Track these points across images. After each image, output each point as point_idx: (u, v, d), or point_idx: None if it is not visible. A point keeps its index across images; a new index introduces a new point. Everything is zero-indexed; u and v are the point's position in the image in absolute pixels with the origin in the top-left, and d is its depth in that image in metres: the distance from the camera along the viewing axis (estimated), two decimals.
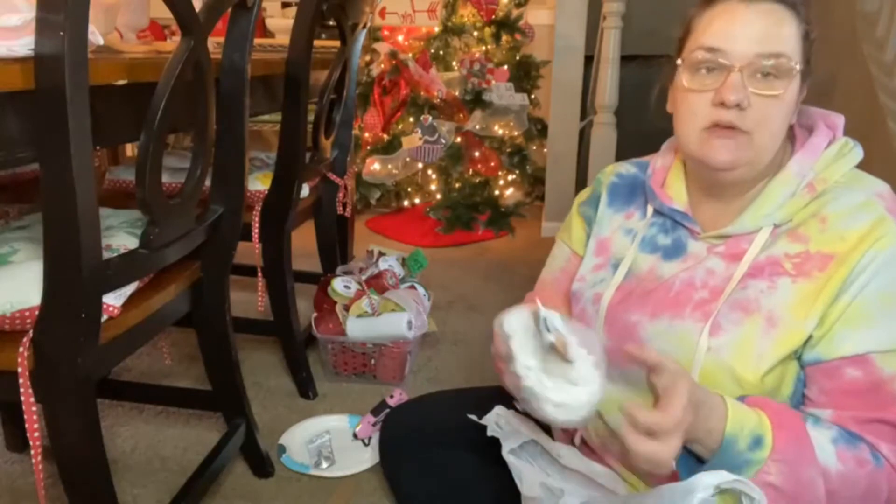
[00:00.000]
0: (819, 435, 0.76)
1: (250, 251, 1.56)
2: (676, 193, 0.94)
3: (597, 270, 0.99)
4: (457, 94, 3.07)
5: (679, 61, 0.86)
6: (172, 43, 1.56)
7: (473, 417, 1.00)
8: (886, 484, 0.75)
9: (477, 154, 3.12)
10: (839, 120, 0.89)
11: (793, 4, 0.82)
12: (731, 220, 0.87)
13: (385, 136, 3.13)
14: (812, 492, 0.73)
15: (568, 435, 1.03)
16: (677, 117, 0.88)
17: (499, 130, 3.18)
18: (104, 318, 0.92)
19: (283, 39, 1.72)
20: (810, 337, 0.79)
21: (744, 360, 0.80)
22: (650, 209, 0.96)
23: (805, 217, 0.83)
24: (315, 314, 1.81)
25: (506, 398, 1.04)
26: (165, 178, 1.09)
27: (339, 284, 1.81)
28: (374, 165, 3.06)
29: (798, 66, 0.80)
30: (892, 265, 0.77)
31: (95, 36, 0.85)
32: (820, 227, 0.81)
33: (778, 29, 0.80)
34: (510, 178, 3.34)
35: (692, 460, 0.75)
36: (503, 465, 1.01)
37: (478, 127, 3.07)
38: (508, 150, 3.26)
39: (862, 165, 0.89)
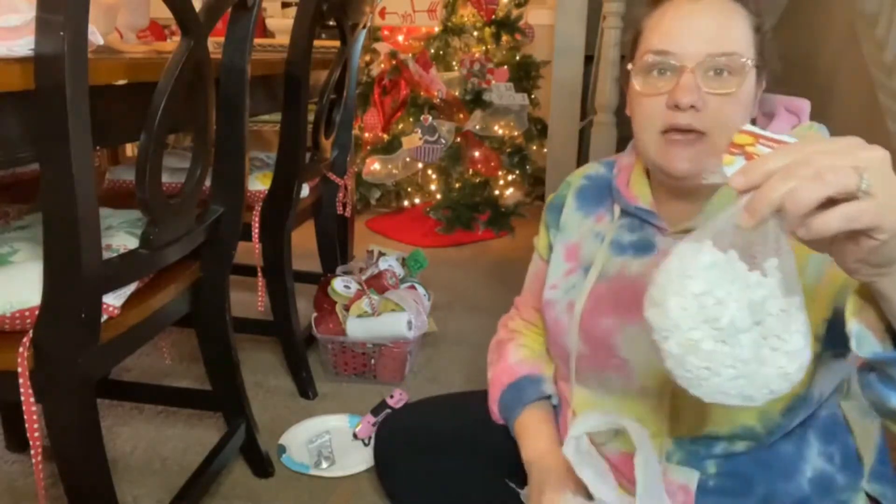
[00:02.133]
0: None
1: (250, 251, 1.56)
2: (641, 192, 0.91)
3: (568, 276, 0.96)
4: (457, 94, 3.07)
5: (629, 66, 0.85)
6: (172, 43, 1.56)
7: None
8: None
9: (477, 154, 3.12)
10: (803, 104, 0.87)
11: (745, 1, 0.80)
12: (697, 210, 0.85)
13: (385, 136, 3.13)
14: None
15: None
16: (634, 122, 0.86)
17: (499, 130, 3.18)
18: (104, 318, 0.92)
19: (283, 39, 1.71)
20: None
21: None
22: (617, 209, 0.93)
23: None
24: (315, 314, 1.81)
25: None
26: (165, 178, 1.09)
27: (339, 284, 1.81)
28: (374, 165, 3.06)
29: (751, 62, 0.78)
30: None
31: (95, 36, 0.85)
32: None
33: (728, 25, 0.78)
34: (510, 178, 3.34)
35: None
36: (498, 471, 1.01)
37: (478, 127, 3.07)
38: (508, 150, 3.26)
39: None
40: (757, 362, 0.53)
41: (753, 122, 0.86)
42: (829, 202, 0.46)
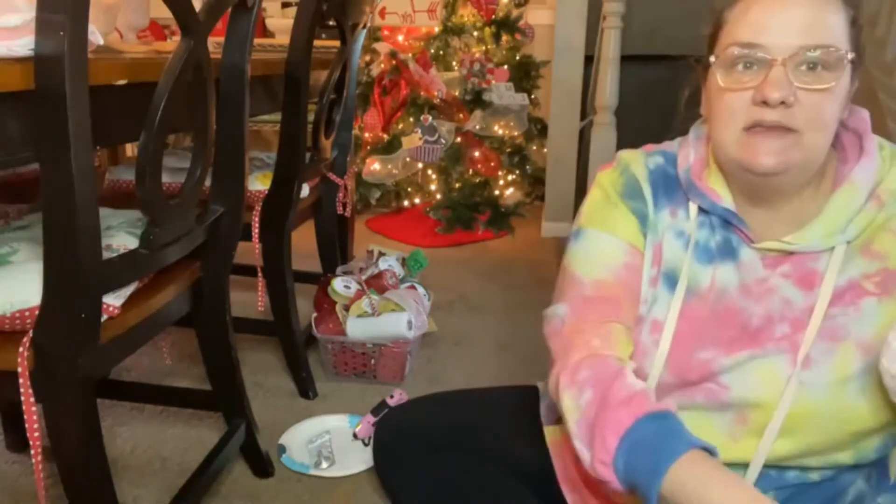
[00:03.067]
0: None
1: (250, 251, 1.56)
2: (722, 190, 0.81)
3: (652, 287, 0.83)
4: (457, 94, 3.08)
5: (712, 59, 0.77)
6: (172, 43, 1.55)
7: None
8: None
9: (477, 154, 3.12)
10: (862, 120, 0.80)
11: None
12: (786, 231, 0.78)
13: (385, 136, 3.13)
14: None
15: None
16: (713, 120, 0.78)
17: (499, 130, 3.18)
18: (104, 318, 0.92)
19: (283, 39, 1.71)
20: None
21: (839, 389, 0.73)
22: (693, 207, 0.83)
23: (874, 231, 0.75)
24: (315, 314, 1.81)
25: (504, 402, 1.04)
26: (165, 178, 1.09)
27: (339, 284, 1.81)
28: (374, 165, 3.06)
29: (849, 55, 0.71)
30: None
31: (95, 36, 0.85)
32: (893, 239, 0.74)
33: (822, 15, 0.71)
34: (510, 178, 3.34)
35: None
36: (501, 469, 1.01)
37: (478, 127, 3.07)
38: (508, 150, 3.26)
39: None
40: None
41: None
42: None
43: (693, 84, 0.85)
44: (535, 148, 3.32)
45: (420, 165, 3.15)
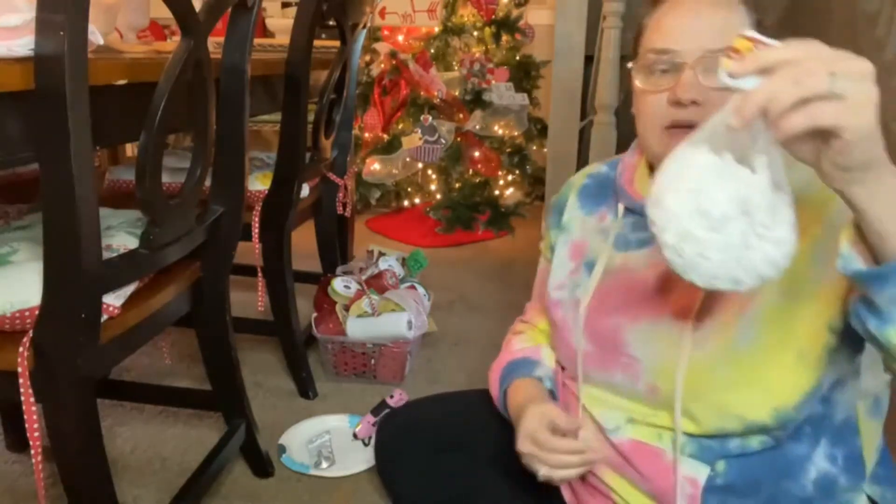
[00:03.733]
0: None
1: (250, 251, 1.56)
2: (645, 189, 0.89)
3: (573, 275, 0.96)
4: (457, 94, 3.07)
5: (630, 65, 0.85)
6: (172, 43, 1.55)
7: None
8: None
9: (477, 154, 3.12)
10: None
11: None
12: None
13: (385, 136, 3.13)
14: None
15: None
16: (638, 120, 0.86)
17: (499, 130, 3.18)
18: (104, 318, 0.92)
19: (283, 39, 1.71)
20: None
21: (727, 344, 0.78)
22: (621, 208, 0.93)
23: None
24: (315, 314, 1.81)
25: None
26: (165, 178, 1.09)
27: (339, 284, 1.81)
28: (374, 165, 3.06)
29: None
30: None
31: (95, 36, 0.85)
32: None
33: (727, 22, 0.78)
34: (510, 178, 3.34)
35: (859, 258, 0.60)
36: (501, 469, 1.01)
37: (478, 127, 3.07)
38: (508, 150, 3.26)
39: None
40: (745, 248, 0.58)
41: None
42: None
43: (626, 85, 0.91)
44: (535, 148, 3.32)
45: (420, 165, 3.15)
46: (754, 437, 0.80)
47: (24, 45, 0.74)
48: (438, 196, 3.25)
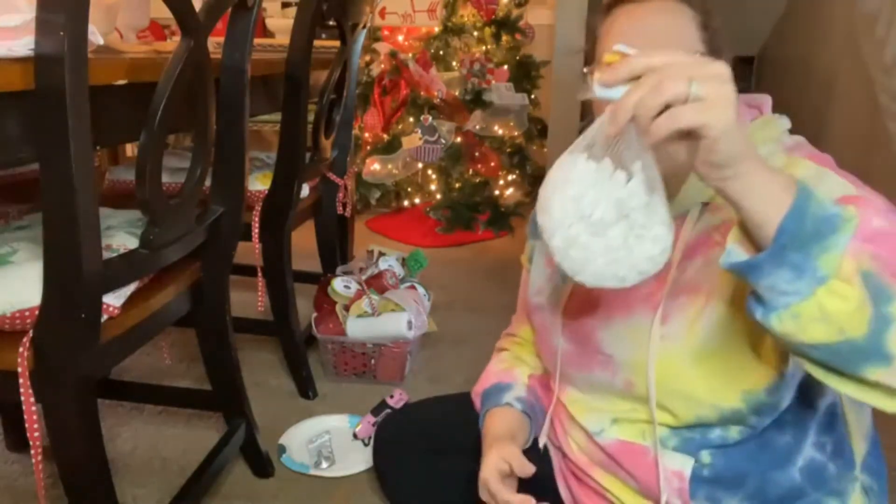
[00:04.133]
0: None
1: (250, 251, 1.56)
2: None
3: (551, 280, 0.98)
4: (457, 94, 3.07)
5: (585, 70, 0.87)
6: (172, 43, 1.56)
7: None
8: None
9: (477, 154, 3.12)
10: (764, 99, 0.89)
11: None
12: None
13: (385, 136, 3.13)
14: None
15: (556, 447, 1.02)
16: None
17: (499, 130, 3.18)
18: (104, 318, 0.92)
19: (283, 39, 1.71)
20: None
21: (694, 339, 0.79)
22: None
23: None
24: (315, 314, 1.81)
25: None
26: (165, 178, 1.09)
27: (339, 284, 1.81)
28: (374, 165, 3.06)
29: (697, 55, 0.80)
30: (800, 173, 0.74)
31: (95, 36, 0.85)
32: None
33: (673, 24, 0.81)
34: (510, 178, 3.34)
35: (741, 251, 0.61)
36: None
37: (478, 127, 3.07)
38: (508, 150, 3.26)
39: (862, 165, 0.88)
40: (625, 249, 0.63)
41: None
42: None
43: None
44: (535, 148, 3.32)
45: (420, 165, 3.15)
46: (733, 426, 0.81)
47: (24, 45, 0.74)
48: (438, 196, 3.25)
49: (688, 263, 0.83)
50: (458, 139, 3.07)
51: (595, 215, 0.62)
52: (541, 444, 0.99)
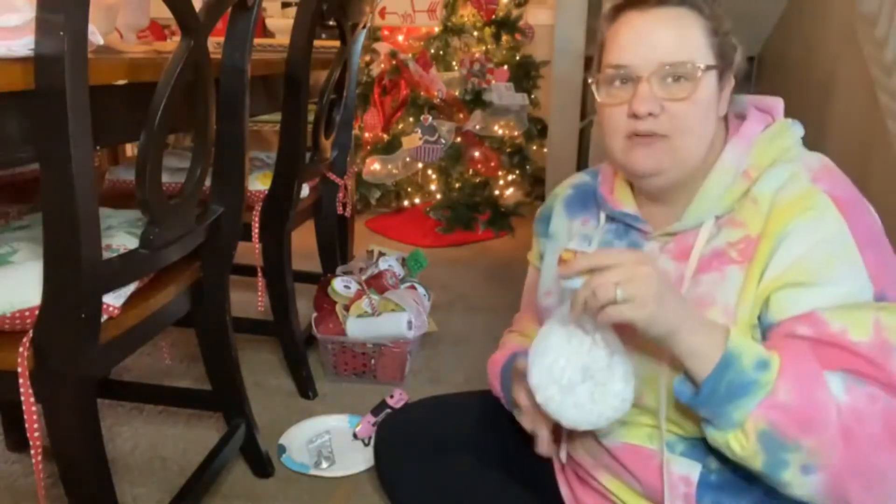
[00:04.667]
0: (826, 369, 0.74)
1: (250, 251, 1.56)
2: (624, 197, 0.94)
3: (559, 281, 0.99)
4: (457, 94, 3.08)
5: (590, 80, 0.88)
6: (172, 43, 1.56)
7: None
8: None
9: (477, 154, 3.12)
10: (776, 103, 0.89)
11: (692, 4, 0.82)
12: (677, 214, 0.88)
13: (385, 136, 3.13)
14: (824, 414, 0.70)
15: (558, 446, 1.02)
16: (601, 131, 0.89)
17: (499, 130, 3.18)
18: (104, 318, 0.92)
19: (283, 39, 1.72)
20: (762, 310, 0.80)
21: None
22: (603, 216, 0.96)
23: (741, 203, 0.83)
24: (315, 314, 1.81)
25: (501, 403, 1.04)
26: (165, 178, 1.09)
27: (339, 284, 1.81)
28: (374, 165, 3.06)
29: (702, 67, 0.80)
30: (821, 228, 0.77)
31: (95, 36, 0.85)
32: (754, 208, 0.81)
33: (679, 34, 0.81)
34: (510, 178, 3.34)
35: (689, 386, 0.76)
36: (501, 471, 1.01)
37: (478, 127, 3.07)
38: (508, 150, 3.26)
39: (862, 165, 0.88)
40: (591, 403, 0.78)
41: (725, 119, 0.89)
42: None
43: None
44: (535, 148, 3.32)
45: (420, 165, 3.15)
46: None
47: (24, 45, 0.74)
48: (438, 196, 3.25)
49: (702, 277, 0.83)
50: (458, 139, 3.07)
51: (563, 379, 0.78)
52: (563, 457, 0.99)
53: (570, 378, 0.78)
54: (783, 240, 0.78)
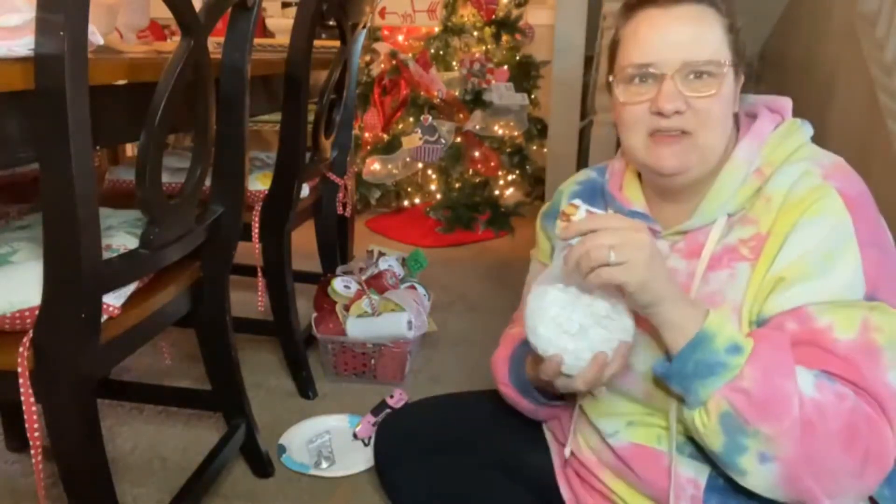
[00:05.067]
0: (800, 366, 0.75)
1: (250, 251, 1.56)
2: (634, 195, 0.94)
3: None
4: (457, 94, 3.07)
5: (611, 78, 0.88)
6: (172, 43, 1.56)
7: None
8: (866, 426, 0.72)
9: (477, 154, 3.12)
10: (785, 103, 0.89)
11: (711, 1, 0.82)
12: (688, 213, 0.88)
13: (385, 136, 3.13)
14: (786, 405, 0.71)
15: (559, 446, 1.02)
16: (620, 129, 0.88)
17: (499, 130, 3.18)
18: (104, 318, 0.92)
19: (283, 39, 1.72)
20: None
21: None
22: (610, 213, 0.95)
23: (753, 200, 0.83)
24: (315, 314, 1.81)
25: (503, 402, 1.04)
26: (165, 178, 1.09)
27: (339, 284, 1.81)
28: (374, 165, 3.06)
29: (728, 63, 0.81)
30: (824, 224, 0.77)
31: (95, 36, 0.85)
32: (766, 206, 0.81)
33: (701, 31, 0.81)
34: (510, 178, 3.34)
35: (664, 360, 0.78)
36: (501, 471, 1.01)
37: (478, 127, 3.07)
38: (508, 150, 3.26)
39: (862, 165, 0.88)
40: (607, 342, 0.79)
41: (736, 117, 0.88)
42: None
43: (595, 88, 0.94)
44: (535, 148, 3.32)
45: (420, 165, 3.15)
46: None
47: (24, 45, 0.74)
48: (438, 196, 3.25)
49: (712, 275, 0.83)
50: (458, 139, 3.07)
51: (573, 328, 0.79)
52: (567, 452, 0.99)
53: (580, 323, 0.78)
54: (789, 236, 0.78)
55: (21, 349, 0.83)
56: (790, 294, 0.77)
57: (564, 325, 0.79)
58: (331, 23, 1.64)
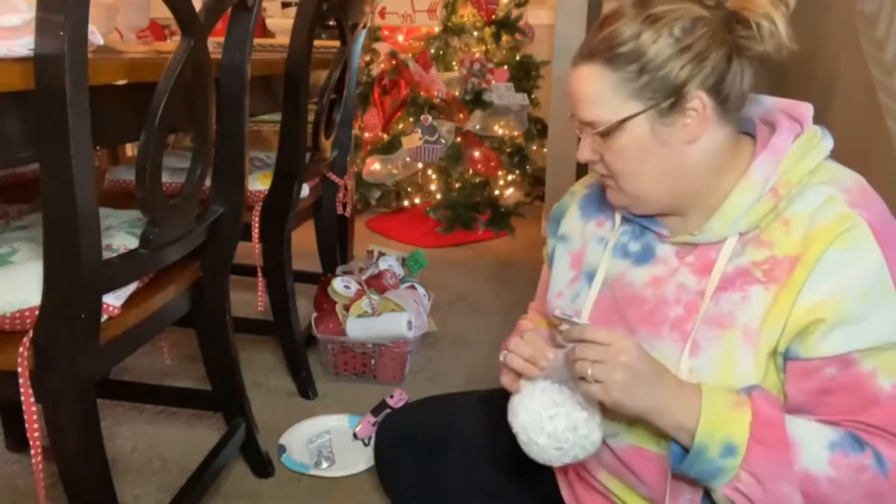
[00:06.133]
0: (814, 439, 0.74)
1: (250, 251, 1.56)
2: None
3: (573, 283, 0.97)
4: (457, 94, 3.07)
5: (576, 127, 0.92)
6: (172, 43, 1.56)
7: None
8: (892, 490, 0.72)
9: (477, 154, 3.12)
10: (806, 110, 0.85)
11: (607, 59, 0.79)
12: (697, 224, 0.85)
13: (385, 136, 3.13)
14: (788, 501, 0.73)
15: None
16: None
17: (499, 130, 3.18)
18: (104, 318, 0.92)
19: (283, 39, 1.72)
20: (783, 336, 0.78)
21: (727, 378, 0.78)
22: (618, 217, 0.95)
23: (769, 221, 0.80)
24: (315, 314, 1.81)
25: (503, 402, 1.04)
26: (165, 178, 1.09)
27: (339, 284, 1.81)
28: (374, 165, 3.06)
29: (612, 122, 0.81)
30: (860, 261, 0.74)
31: (95, 36, 0.85)
32: (784, 229, 0.79)
33: (586, 93, 0.83)
34: (510, 178, 3.34)
35: (679, 449, 0.78)
36: (501, 471, 1.01)
37: (478, 127, 3.07)
38: (508, 150, 3.26)
39: (862, 165, 0.87)
40: (572, 449, 0.82)
41: (752, 128, 0.86)
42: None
43: None
44: (535, 148, 3.32)
45: (420, 165, 3.15)
46: None
47: (24, 45, 0.74)
48: (438, 196, 3.25)
49: (722, 295, 0.81)
50: (458, 139, 3.07)
51: (549, 427, 0.82)
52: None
53: (555, 426, 0.82)
54: (817, 267, 0.75)
55: (21, 349, 0.83)
56: (832, 339, 0.74)
57: (544, 422, 0.83)
58: (331, 23, 1.64)
